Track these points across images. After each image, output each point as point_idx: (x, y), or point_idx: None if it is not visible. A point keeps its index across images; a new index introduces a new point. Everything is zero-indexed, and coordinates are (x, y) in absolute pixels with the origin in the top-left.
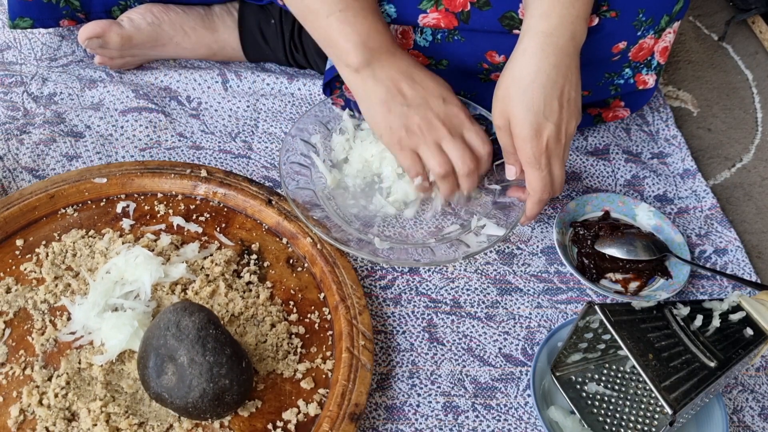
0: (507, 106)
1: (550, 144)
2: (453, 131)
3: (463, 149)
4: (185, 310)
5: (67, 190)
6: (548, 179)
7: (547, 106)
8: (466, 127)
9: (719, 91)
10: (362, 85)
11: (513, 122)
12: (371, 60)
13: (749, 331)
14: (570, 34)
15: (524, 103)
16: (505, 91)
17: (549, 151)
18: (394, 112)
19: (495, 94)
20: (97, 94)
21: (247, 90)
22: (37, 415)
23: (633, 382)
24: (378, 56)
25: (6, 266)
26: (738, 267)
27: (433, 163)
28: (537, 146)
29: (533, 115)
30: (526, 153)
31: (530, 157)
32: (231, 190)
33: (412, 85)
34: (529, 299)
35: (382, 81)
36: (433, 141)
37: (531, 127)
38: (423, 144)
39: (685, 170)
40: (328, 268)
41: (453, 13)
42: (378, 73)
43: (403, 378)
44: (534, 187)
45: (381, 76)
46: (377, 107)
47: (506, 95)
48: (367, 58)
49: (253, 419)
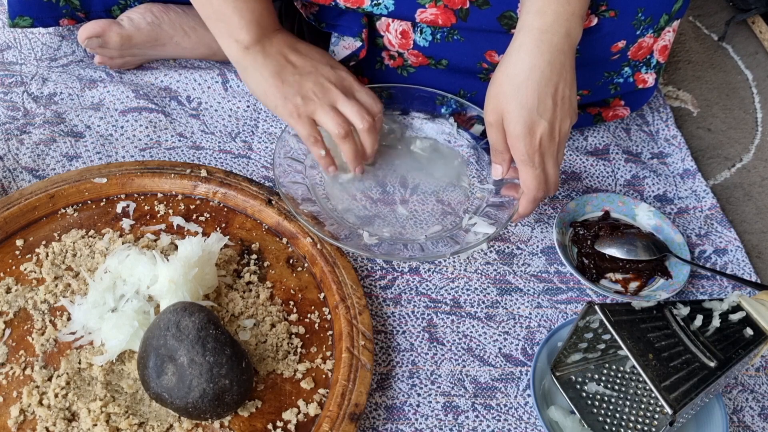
0: (500, 103)
1: (543, 142)
2: (346, 93)
3: (359, 107)
4: (185, 310)
5: (67, 190)
6: (542, 177)
7: (541, 104)
8: (356, 88)
9: (719, 91)
10: (252, 61)
11: (506, 119)
12: (261, 38)
13: (749, 331)
14: (565, 32)
15: (518, 99)
16: (498, 88)
17: (543, 149)
18: (288, 82)
19: (488, 90)
20: (97, 94)
21: (247, 90)
22: (37, 415)
23: (633, 382)
24: (267, 33)
25: (6, 266)
26: (738, 267)
27: (331, 124)
28: (530, 144)
29: (527, 112)
30: (519, 150)
31: (523, 154)
32: (231, 190)
33: (300, 55)
34: (529, 299)
35: (272, 55)
36: (328, 104)
37: (524, 124)
38: (319, 108)
39: (685, 170)
40: (328, 268)
41: (452, 9)
42: (267, 49)
43: (403, 378)
44: (528, 185)
45: (270, 51)
46: (270, 80)
47: (499, 92)
48: (258, 36)
49: (253, 419)
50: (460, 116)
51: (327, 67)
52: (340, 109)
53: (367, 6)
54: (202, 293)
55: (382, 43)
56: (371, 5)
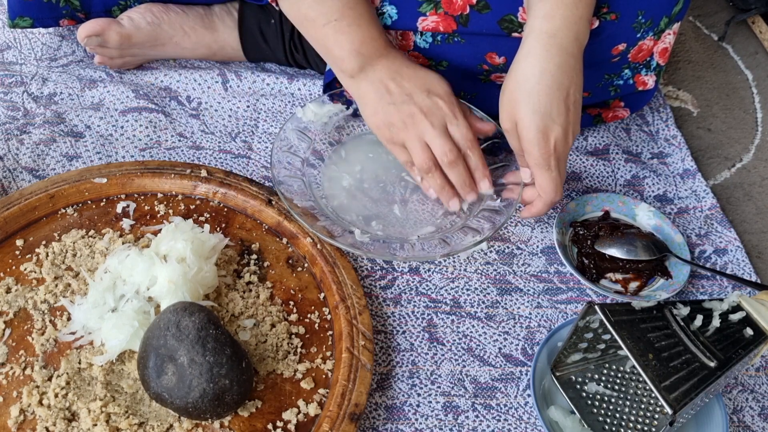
0: (513, 109)
1: (558, 146)
2: (435, 124)
3: (444, 140)
4: (185, 310)
5: (67, 190)
6: (558, 180)
7: (554, 108)
8: (449, 118)
9: (719, 91)
10: (357, 89)
11: (520, 125)
12: (364, 65)
13: (749, 331)
14: (574, 35)
15: (530, 105)
16: (510, 94)
17: (558, 153)
18: (382, 111)
19: (501, 97)
20: (97, 94)
21: (247, 90)
22: (37, 415)
23: (633, 382)
24: (371, 61)
25: (6, 266)
26: (738, 267)
27: (417, 159)
28: (545, 148)
29: (540, 117)
30: (534, 155)
31: (539, 159)
32: (231, 190)
33: (399, 82)
34: (529, 299)
35: (372, 83)
36: (416, 136)
37: (538, 129)
38: (408, 140)
39: (685, 170)
40: (328, 268)
41: (452, 16)
42: (370, 76)
43: (403, 378)
44: (545, 188)
45: (372, 79)
46: (370, 108)
47: (512, 98)
48: (361, 64)
49: (253, 419)
50: None
51: (423, 94)
52: (427, 141)
53: None
54: (202, 293)
55: None
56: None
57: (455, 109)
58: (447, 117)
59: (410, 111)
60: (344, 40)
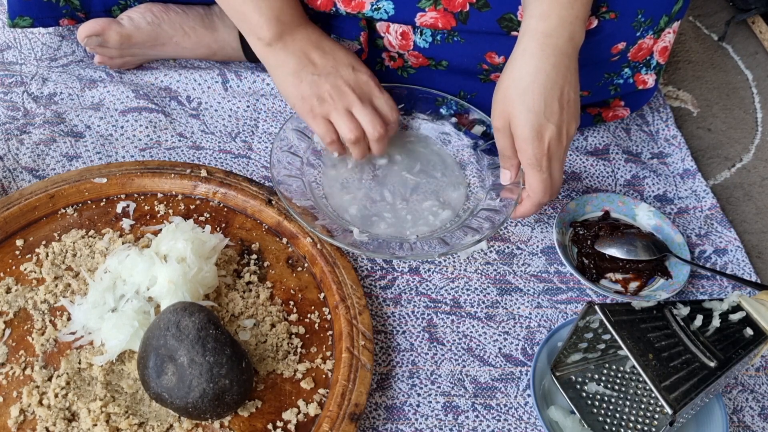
0: (507, 107)
1: (551, 145)
2: (363, 98)
3: (373, 115)
4: (185, 310)
5: (67, 190)
6: (549, 182)
7: (548, 107)
8: (375, 94)
9: (719, 91)
10: (274, 57)
11: (513, 123)
12: (283, 33)
13: (749, 331)
14: (569, 35)
15: (525, 103)
16: (504, 92)
17: (551, 153)
18: (306, 81)
19: (494, 95)
20: (97, 94)
21: (247, 90)
22: (37, 415)
23: (633, 382)
24: (289, 29)
25: (6, 266)
26: (738, 267)
27: (344, 128)
28: (539, 147)
29: (534, 116)
30: (527, 154)
31: (531, 158)
32: (231, 190)
33: (322, 54)
34: (529, 299)
35: (293, 52)
36: (343, 107)
37: (532, 128)
38: (334, 110)
39: (685, 170)
40: (328, 268)
41: (452, 13)
42: (289, 45)
43: (403, 378)
44: (534, 189)
45: (292, 48)
46: (289, 77)
47: (506, 96)
48: (279, 32)
49: (253, 419)
50: (461, 117)
51: (348, 69)
52: (354, 114)
53: (368, 11)
54: (202, 293)
55: (382, 45)
56: (371, 10)
57: (380, 87)
58: (373, 92)
59: (336, 83)
60: (264, 6)
